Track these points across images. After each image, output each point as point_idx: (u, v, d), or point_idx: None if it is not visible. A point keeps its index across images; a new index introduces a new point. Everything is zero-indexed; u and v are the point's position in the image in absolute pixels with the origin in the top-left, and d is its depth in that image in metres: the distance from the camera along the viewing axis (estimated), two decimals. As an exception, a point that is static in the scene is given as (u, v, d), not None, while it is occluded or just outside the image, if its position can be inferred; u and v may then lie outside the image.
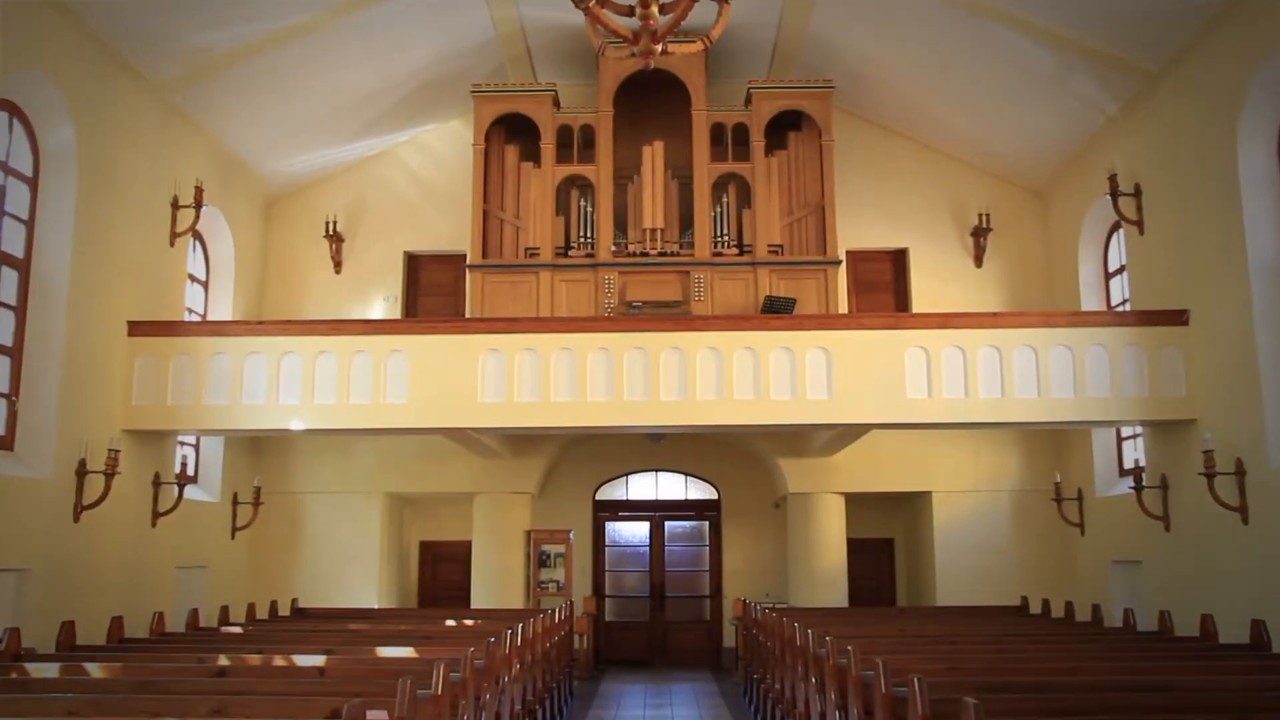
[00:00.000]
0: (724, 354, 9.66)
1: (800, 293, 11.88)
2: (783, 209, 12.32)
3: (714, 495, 14.49)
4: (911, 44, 11.48)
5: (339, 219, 13.29)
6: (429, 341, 9.79)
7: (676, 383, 9.66)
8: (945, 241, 13.28)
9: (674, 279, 12.11)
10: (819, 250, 12.13)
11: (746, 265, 12.07)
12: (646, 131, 12.72)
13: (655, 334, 9.76)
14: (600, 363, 9.71)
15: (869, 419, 9.71)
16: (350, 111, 12.39)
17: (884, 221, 13.37)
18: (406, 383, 9.69)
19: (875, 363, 9.64)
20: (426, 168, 13.74)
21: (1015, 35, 10.28)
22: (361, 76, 11.79)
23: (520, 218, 12.39)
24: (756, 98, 12.35)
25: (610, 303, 11.96)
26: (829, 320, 10.25)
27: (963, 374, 9.61)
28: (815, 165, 12.35)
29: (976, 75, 11.48)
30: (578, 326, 9.91)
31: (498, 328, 9.90)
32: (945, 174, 13.45)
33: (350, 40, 10.85)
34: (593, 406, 9.66)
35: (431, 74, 12.35)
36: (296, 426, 9.78)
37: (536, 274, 12.13)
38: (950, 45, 11.08)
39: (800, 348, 9.68)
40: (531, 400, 9.67)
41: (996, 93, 11.65)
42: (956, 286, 13.09)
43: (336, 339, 9.81)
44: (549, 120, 12.39)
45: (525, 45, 12.54)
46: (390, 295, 13.37)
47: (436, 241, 13.51)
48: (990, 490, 12.70)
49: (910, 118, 13.23)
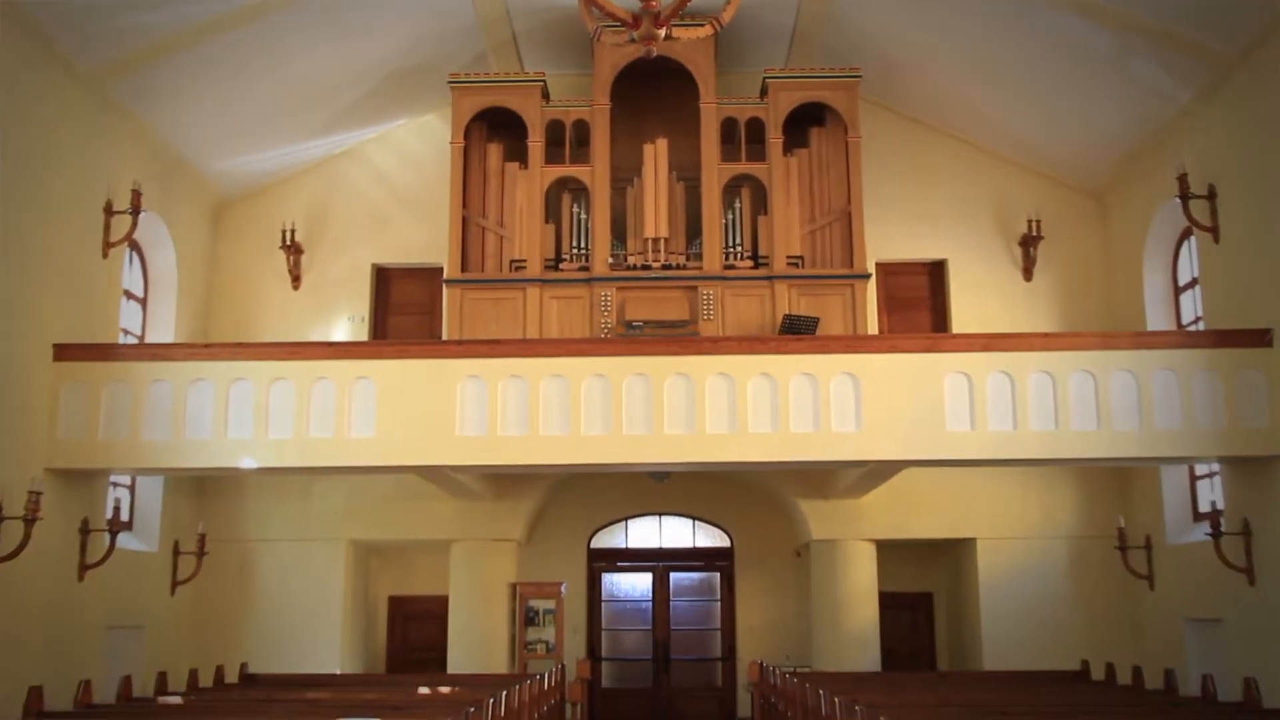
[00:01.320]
0: (737, 381, 9.64)
1: (824, 311, 11.88)
2: (803, 215, 12.34)
3: (726, 543, 14.43)
4: (950, 26, 11.54)
5: (297, 227, 13.32)
6: (400, 367, 9.78)
7: (683, 414, 9.64)
8: (989, 252, 13.30)
9: (679, 295, 12.11)
10: (845, 262, 12.14)
11: (762, 280, 12.08)
12: (648, 127, 12.77)
13: (658, 358, 9.75)
14: (596, 391, 9.69)
15: (903, 455, 9.67)
16: (310, 104, 12.45)
17: (919, 229, 13.40)
18: (374, 414, 9.67)
19: (909, 390, 9.62)
20: (398, 169, 13.79)
21: (1069, 15, 10.33)
22: (323, 64, 11.85)
23: (504, 226, 12.41)
24: (773, 89, 12.41)
25: (607, 323, 11.96)
26: (857, 342, 10.23)
27: (1010, 403, 9.59)
28: (840, 165, 12.39)
29: (1024, 61, 11.54)
30: (570, 350, 9.90)
31: (479, 351, 9.89)
32: (989, 175, 13.49)
33: (311, 23, 10.91)
34: (587, 441, 9.63)
35: (403, 62, 12.42)
36: (248, 465, 9.74)
37: (523, 290, 12.14)
38: (994, 27, 11.14)
39: (824, 374, 9.66)
40: (517, 434, 9.64)
41: (1047, 81, 11.71)
42: (1002, 303, 13.10)
43: (295, 364, 9.80)
44: (537, 115, 12.44)
45: (510, 30, 12.61)
46: (356, 314, 13.37)
47: (409, 253, 13.53)
48: (1043, 537, 12.64)
49: (948, 110, 13.29)
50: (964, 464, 10.49)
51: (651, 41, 6.84)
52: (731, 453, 9.62)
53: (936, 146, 13.59)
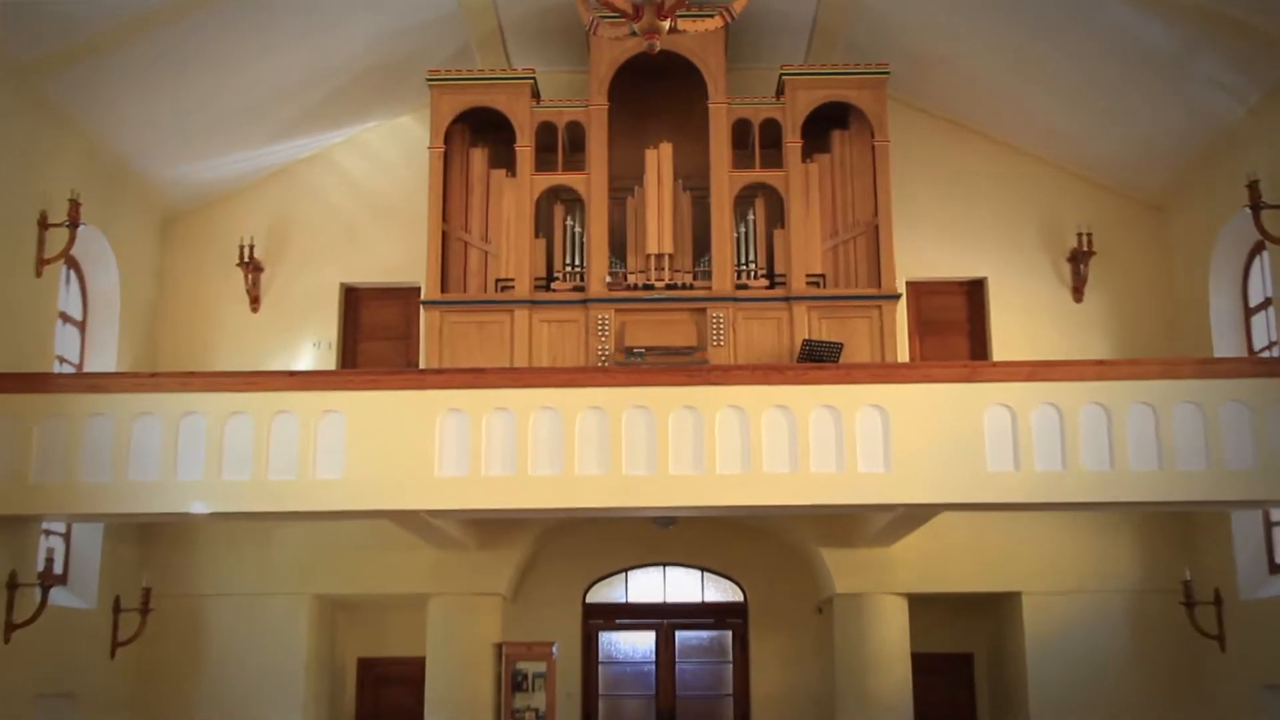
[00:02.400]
0: (750, 415, 9.62)
1: (848, 336, 11.87)
2: (825, 229, 12.36)
3: (739, 597, 14.35)
4: (989, 16, 11.59)
5: (256, 242, 13.33)
6: (372, 399, 9.75)
7: (690, 452, 9.60)
8: (1034, 269, 13.31)
9: (686, 319, 12.11)
10: (872, 281, 12.15)
11: (779, 301, 12.08)
12: (650, 131, 12.82)
13: (662, 389, 9.72)
14: (592, 427, 9.66)
15: (938, 498, 9.63)
16: (271, 104, 12.50)
17: (955, 244, 13.42)
18: (343, 452, 9.64)
19: (945, 425, 9.59)
20: (369, 177, 13.83)
21: (1124, 5, 10.38)
22: (286, 60, 11.90)
23: (489, 240, 12.43)
24: (791, 87, 12.46)
25: (605, 349, 11.95)
26: (885, 371, 10.21)
27: (1059, 440, 9.55)
28: (866, 172, 12.43)
29: (1074, 55, 11.57)
30: (563, 380, 9.88)
31: (461, 381, 9.87)
32: (1033, 182, 13.52)
33: (271, 14, 10.97)
34: (582, 483, 9.59)
35: (376, 57, 12.48)
36: (199, 510, 9.70)
37: (510, 312, 12.14)
38: (1040, 17, 11.18)
39: (849, 406, 9.64)
40: (504, 475, 9.60)
41: (1100, 77, 11.75)
42: (1049, 327, 13.10)
43: (253, 396, 9.77)
44: (526, 116, 12.49)
45: (496, 20, 12.69)
46: (322, 340, 13.37)
47: (382, 271, 13.55)
48: (1098, 591, 12.56)
49: (988, 110, 13.35)
50: (1007, 508, 10.43)
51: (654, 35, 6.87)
52: (744, 495, 9.57)
53: (974, 151, 13.64)
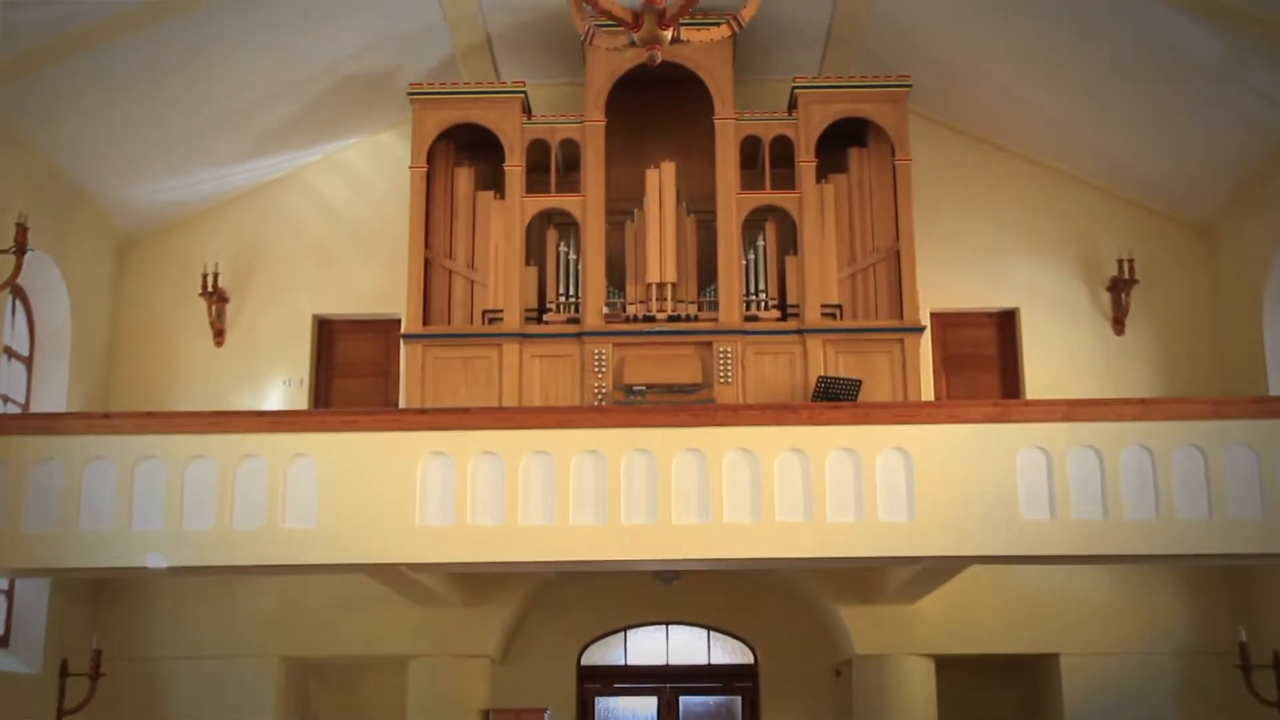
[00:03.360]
0: (761, 459, 9.62)
1: (868, 372, 11.91)
2: (842, 255, 12.42)
3: (749, 659, 14.31)
4: (1020, 24, 11.65)
5: (221, 270, 13.37)
6: (347, 442, 9.76)
7: (695, 499, 9.59)
8: (1071, 299, 13.36)
9: (690, 354, 12.14)
10: (893, 313, 12.20)
11: (792, 334, 12.13)
12: (651, 149, 12.89)
13: (665, 431, 9.72)
14: (588, 471, 9.66)
15: (966, 550, 9.61)
16: (238, 120, 12.55)
17: (984, 272, 13.47)
18: (315, 500, 9.63)
19: (974, 470, 9.59)
20: (345, 198, 13.90)
21: (1169, 11, 10.43)
22: (254, 71, 11.97)
23: (476, 268, 12.48)
24: (804, 101, 12.56)
25: (602, 387, 11.98)
26: (908, 410, 10.22)
27: (1099, 486, 9.54)
28: (887, 194, 12.50)
29: (1114, 66, 11.63)
30: (557, 420, 9.88)
31: (445, 422, 9.88)
32: (1069, 204, 13.58)
33: (238, 22, 11.02)
34: (577, 534, 9.58)
35: (353, 69, 12.57)
36: (157, 563, 9.68)
37: (499, 347, 12.18)
38: (1077, 25, 11.23)
39: (868, 449, 9.64)
40: (491, 524, 9.59)
41: (1143, 90, 11.80)
42: (1088, 362, 13.13)
43: (217, 439, 9.78)
44: (516, 133, 12.57)
45: (484, 30, 12.79)
46: (293, 377, 13.39)
47: (359, 301, 13.60)
48: (1144, 653, 12.52)
49: (1019, 126, 13.42)
50: (1042, 561, 10.42)
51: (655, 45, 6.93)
52: (754, 547, 9.56)
53: (1004, 170, 13.71)
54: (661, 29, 6.85)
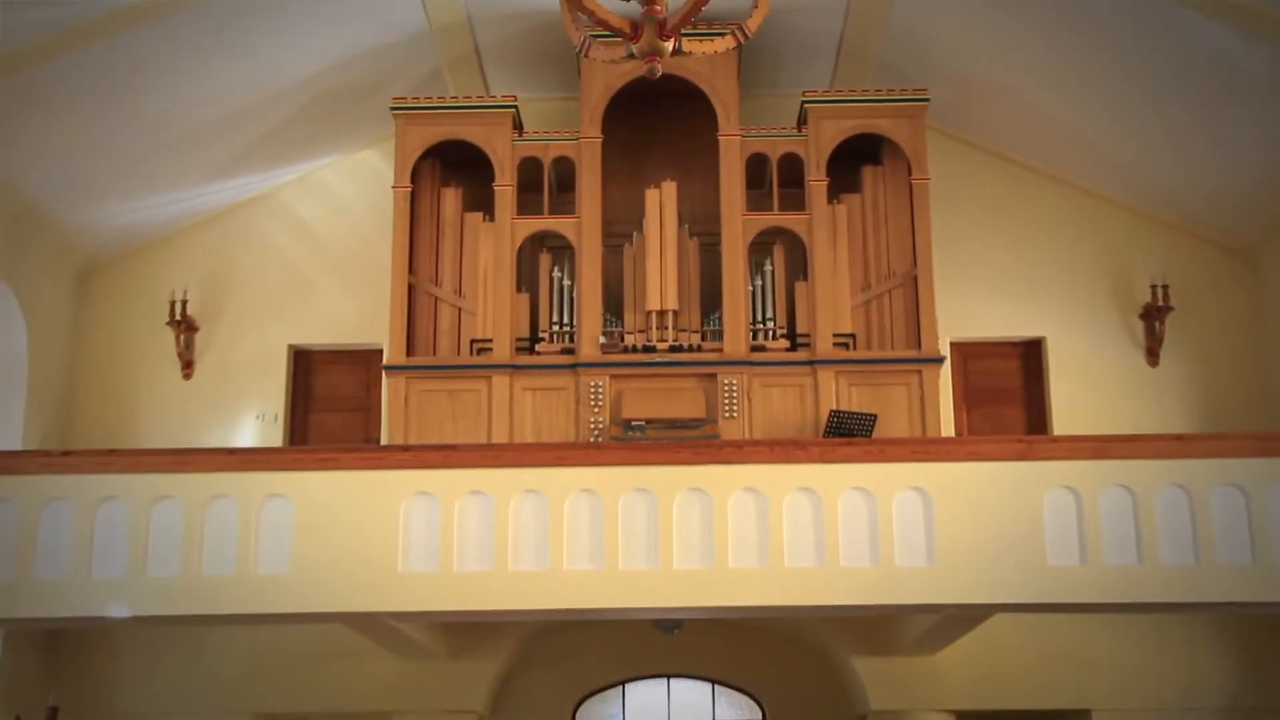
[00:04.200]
0: (768, 499, 9.61)
1: (884, 406, 11.92)
2: (856, 281, 12.45)
3: (756, 715, 14.27)
4: (1045, 34, 11.69)
5: (190, 297, 13.40)
6: (325, 481, 9.74)
7: (698, 542, 9.58)
8: (1101, 327, 13.39)
9: (693, 386, 12.16)
10: (910, 342, 12.23)
11: (801, 365, 12.15)
12: (651, 167, 12.96)
13: (666, 469, 9.71)
14: (584, 513, 9.65)
15: (990, 597, 9.59)
16: (209, 136, 12.58)
17: (1007, 298, 13.51)
18: (290, 544, 9.60)
19: (998, 511, 9.58)
20: (323, 220, 13.94)
21: (1209, 23, 10.47)
22: (226, 84, 11.98)
23: (464, 295, 12.51)
24: (815, 116, 12.61)
25: (598, 422, 11.99)
26: (927, 447, 10.21)
27: (1133, 528, 9.53)
28: (903, 215, 12.54)
29: (1146, 79, 11.67)
30: (550, 458, 9.88)
31: (430, 460, 9.87)
32: (1100, 226, 13.63)
33: (208, 32, 11.04)
34: (572, 580, 9.56)
35: (332, 81, 12.62)
36: (118, 613, 9.64)
37: (488, 379, 12.20)
38: (1107, 35, 11.26)
39: (884, 489, 9.63)
40: (480, 570, 9.57)
41: (1179, 104, 11.84)
42: (1119, 395, 13.15)
43: (184, 478, 9.76)
44: (507, 150, 12.62)
45: (472, 41, 12.85)
46: (267, 412, 13.40)
47: (337, 331, 13.62)
48: (1184, 709, 12.46)
49: (1045, 143, 13.48)
50: (1072, 610, 10.39)
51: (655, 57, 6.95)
52: (762, 594, 9.54)
53: (1029, 190, 13.76)
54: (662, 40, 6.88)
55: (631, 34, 7.11)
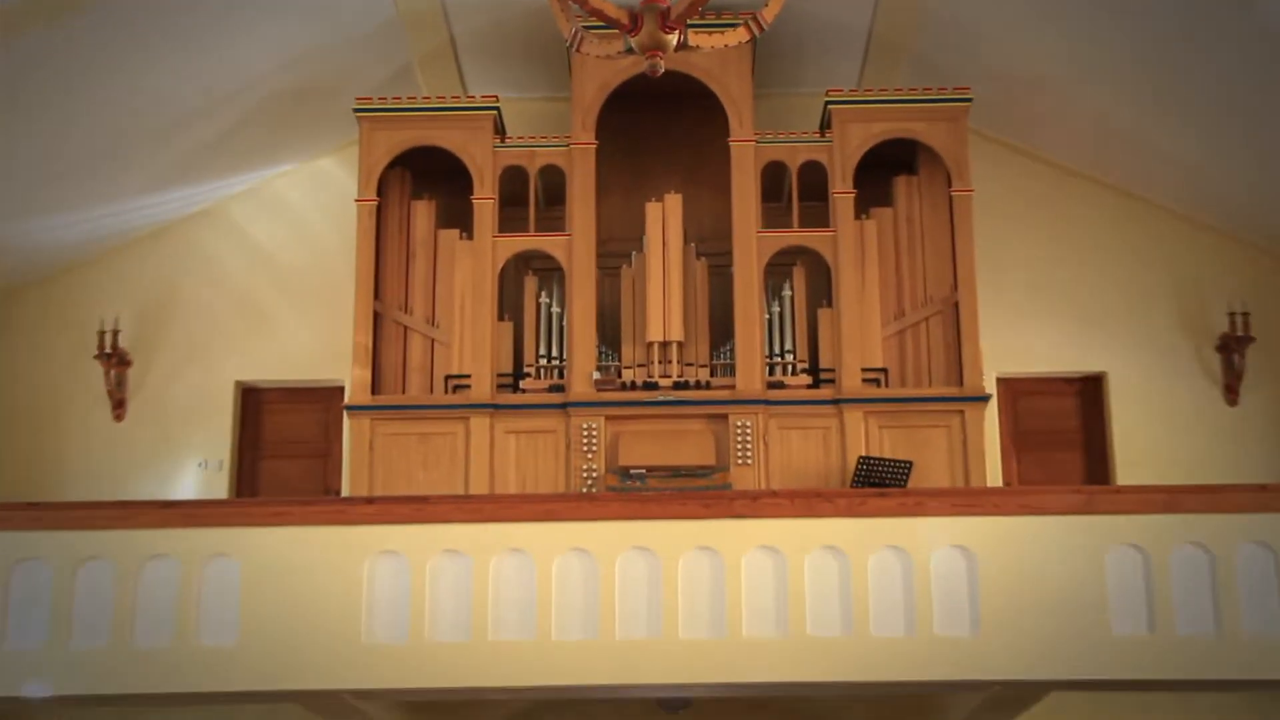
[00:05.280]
0: (788, 559, 9.58)
1: (920, 451, 11.92)
2: (887, 308, 12.47)
3: (776, 810, 14.22)
4: (1101, 25, 11.68)
5: (123, 326, 13.43)
6: (277, 538, 9.72)
7: (707, 609, 9.55)
8: (1170, 360, 13.41)
9: (701, 429, 12.16)
10: (950, 378, 12.24)
11: (826, 405, 12.16)
12: (653, 177, 13.02)
13: (670, 524, 9.69)
14: (575, 575, 9.62)
15: (1044, 672, 9.54)
16: (147, 142, 12.59)
17: (1062, 327, 13.54)
18: (236, 610, 9.57)
19: (1053, 573, 9.55)
20: (276, 238, 13.98)
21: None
22: (168, 84, 11.97)
23: (438, 324, 12.52)
24: (840, 119, 12.66)
25: (592, 470, 11.97)
26: (970, 499, 10.19)
27: (1209, 592, 9.49)
28: (943, 232, 12.57)
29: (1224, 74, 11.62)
30: (536, 512, 9.85)
31: (398, 514, 9.84)
32: (1169, 245, 13.68)
33: (144, 25, 10.99)
34: (562, 652, 9.53)
35: (287, 80, 12.64)
36: (36, 693, 9.60)
37: (465, 421, 12.20)
38: (1174, 24, 11.21)
39: (921, 547, 9.60)
40: (455, 641, 9.54)
41: (1258, 107, 11.81)
42: (1193, 438, 13.17)
43: (115, 535, 9.74)
44: (487, 158, 12.67)
45: (448, 33, 12.91)
46: (211, 459, 13.40)
47: (292, 365, 13.66)
48: (1267, 801, 12.46)
49: (1104, 150, 13.52)
50: (1140, 687, 10.33)
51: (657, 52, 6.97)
52: (781, 669, 9.50)
53: (1087, 203, 13.82)
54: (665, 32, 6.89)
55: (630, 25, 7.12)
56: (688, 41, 7.41)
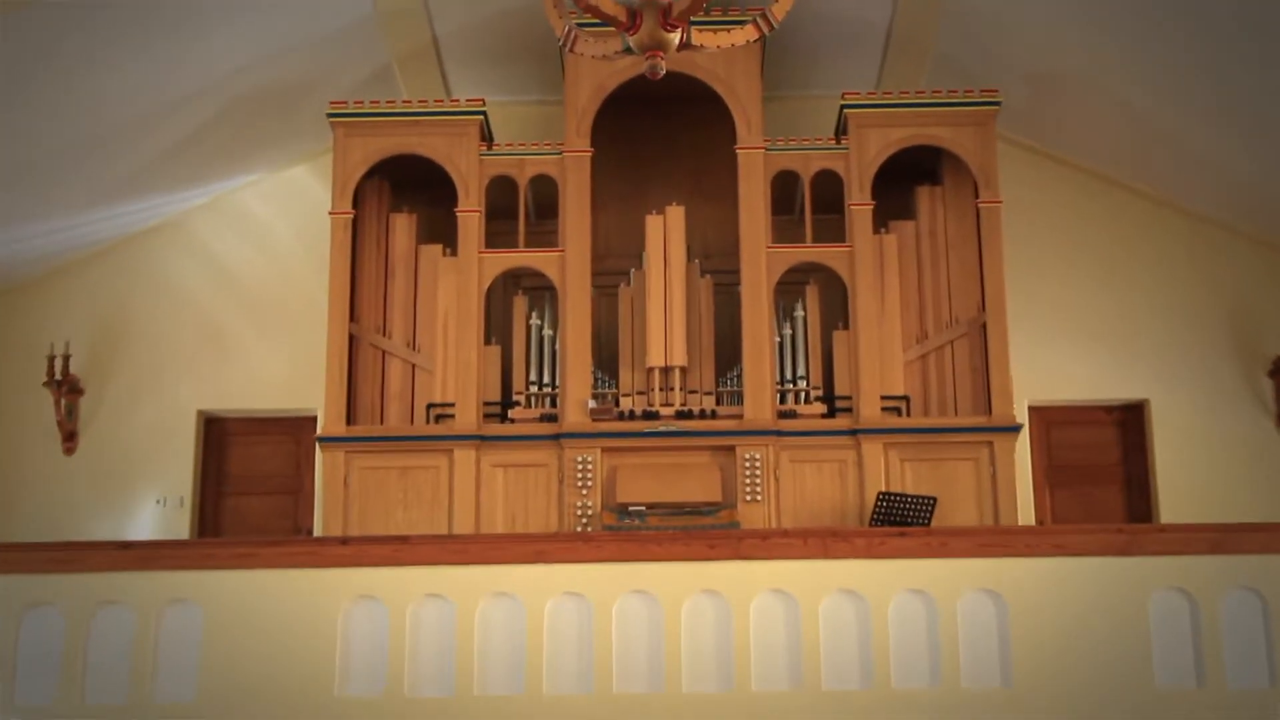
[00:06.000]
0: (801, 605, 9.58)
1: (945, 486, 11.93)
2: (909, 330, 12.47)
3: None
4: (1146, 19, 11.63)
5: (74, 351, 13.44)
6: (242, 582, 9.71)
7: (713, 659, 9.55)
8: (1217, 387, 13.42)
9: (706, 462, 12.15)
10: (978, 407, 12.23)
11: (843, 435, 12.15)
12: (654, 188, 13.06)
13: (672, 566, 9.68)
14: (568, 622, 9.61)
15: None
16: (101, 149, 12.55)
17: (1101, 351, 13.56)
18: (197, 662, 9.57)
19: (1091, 619, 9.54)
20: (242, 255, 13.99)
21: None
22: (124, 85, 11.92)
23: (419, 349, 12.52)
24: (857, 125, 12.66)
25: (588, 507, 11.96)
26: (1000, 539, 10.17)
27: (1262, 640, 9.48)
28: (969, 247, 12.57)
29: (1273, 80, 11.63)
30: (526, 553, 9.84)
31: (375, 556, 9.83)
32: (1216, 261, 13.70)
33: (98, 21, 10.96)
34: (554, 707, 9.51)
35: (254, 81, 12.62)
36: (-20, 750, 9.63)
37: (449, 453, 12.19)
38: (1220, 19, 11.21)
39: (946, 590, 9.60)
40: (437, 695, 9.52)
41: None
42: (1243, 472, 13.16)
43: (64, 580, 9.73)
44: (473, 167, 12.66)
45: (430, 32, 12.94)
46: (169, 497, 13.38)
47: (259, 393, 13.66)
48: None
49: (1144, 156, 13.53)
50: (1187, 744, 10.37)
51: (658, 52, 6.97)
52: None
53: (1127, 216, 13.85)
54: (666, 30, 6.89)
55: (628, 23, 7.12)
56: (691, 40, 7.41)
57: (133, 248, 13.93)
